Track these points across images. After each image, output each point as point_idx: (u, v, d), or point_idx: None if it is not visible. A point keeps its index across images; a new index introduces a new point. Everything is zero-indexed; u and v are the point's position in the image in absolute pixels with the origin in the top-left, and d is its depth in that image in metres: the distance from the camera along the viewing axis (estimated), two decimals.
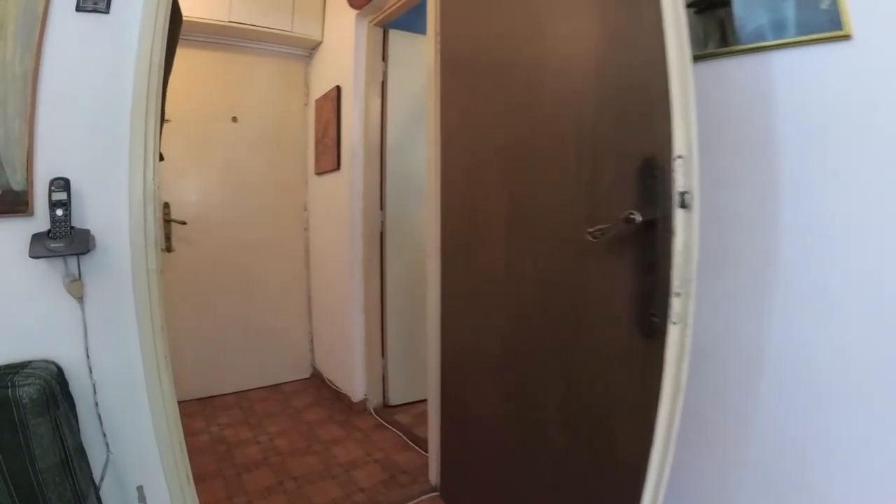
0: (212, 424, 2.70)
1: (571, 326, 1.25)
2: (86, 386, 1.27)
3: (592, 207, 1.16)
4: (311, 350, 3.38)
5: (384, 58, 2.66)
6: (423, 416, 2.32)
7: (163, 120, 1.56)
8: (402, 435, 2.48)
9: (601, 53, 1.14)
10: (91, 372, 1.27)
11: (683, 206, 0.93)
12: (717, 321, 1.17)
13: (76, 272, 1.23)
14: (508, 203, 1.45)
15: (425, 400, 2.11)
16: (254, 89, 3.10)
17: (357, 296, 2.68)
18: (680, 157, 0.93)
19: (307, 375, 3.39)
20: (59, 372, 1.19)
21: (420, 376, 2.60)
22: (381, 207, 2.66)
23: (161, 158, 1.61)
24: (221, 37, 2.95)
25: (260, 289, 3.19)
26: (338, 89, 2.75)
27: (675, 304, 0.95)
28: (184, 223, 2.88)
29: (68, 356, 1.23)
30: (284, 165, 3.24)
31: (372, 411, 2.74)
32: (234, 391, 3.13)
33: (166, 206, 2.86)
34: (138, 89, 1.28)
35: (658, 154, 0.99)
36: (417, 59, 2.65)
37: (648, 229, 1.01)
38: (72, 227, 1.18)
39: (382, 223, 2.67)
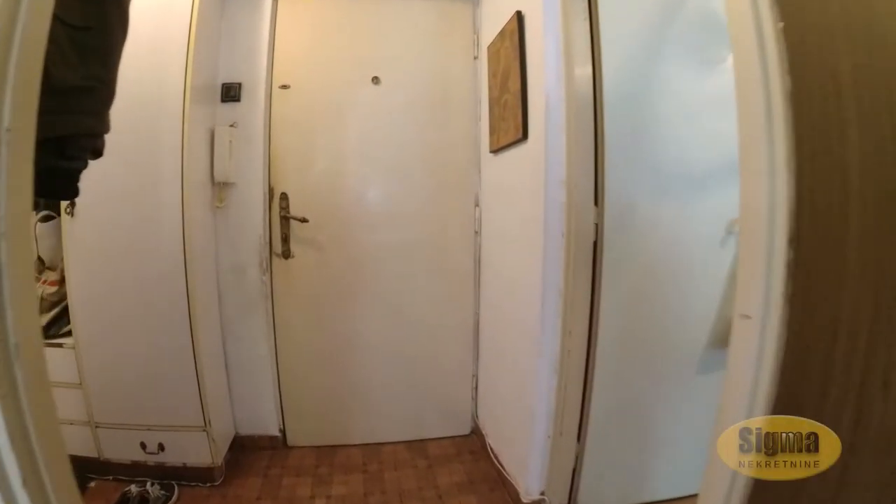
0: (319, 494, 1.97)
1: None
2: None
3: None
4: (474, 399, 2.45)
5: None
6: None
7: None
8: None
9: None
10: None
11: None
12: None
13: None
14: None
15: None
16: (401, 40, 2.28)
17: (549, 340, 1.66)
18: None
19: (465, 432, 2.47)
20: None
21: (635, 477, 1.83)
22: (596, 201, 1.58)
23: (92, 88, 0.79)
24: None
25: (408, 310, 2.35)
26: (518, 17, 1.76)
27: None
28: (305, 220, 2.15)
29: None
30: (446, 141, 2.32)
31: None
32: (364, 443, 2.37)
33: (283, 197, 2.15)
34: None
35: None
36: None
37: None
38: None
39: (597, 227, 1.59)
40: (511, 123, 1.78)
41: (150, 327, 1.87)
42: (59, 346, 1.92)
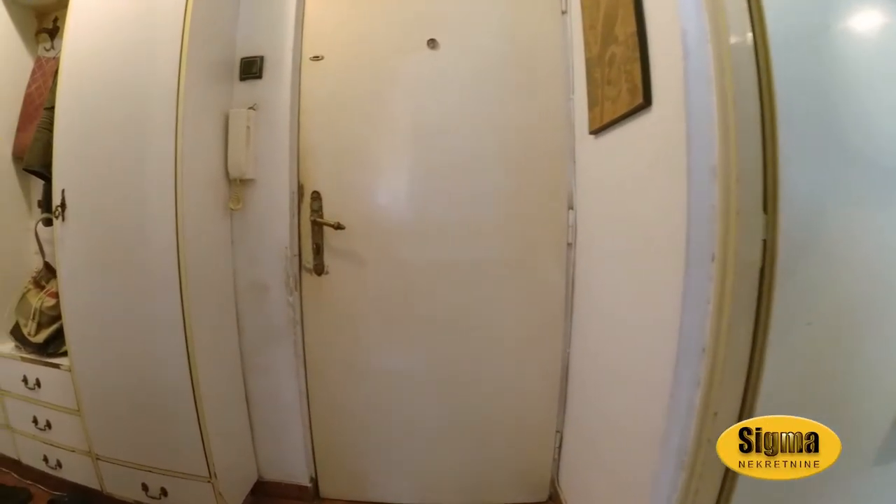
0: None
1: None
2: None
3: None
4: (556, 460, 1.86)
5: None
6: None
7: None
8: None
9: None
10: None
11: None
12: None
13: None
14: None
15: None
16: None
17: (679, 422, 1.07)
18: None
19: (541, 499, 1.89)
20: None
21: None
22: (765, 205, 0.96)
23: None
24: None
25: (474, 345, 1.81)
26: None
27: None
28: (341, 227, 1.70)
29: None
30: (527, 122, 1.74)
31: None
32: (412, 503, 1.88)
33: (315, 197, 1.72)
34: None
35: None
36: None
37: None
38: None
39: (766, 245, 0.96)
40: (623, 86, 1.20)
41: (143, 355, 1.55)
42: (57, 366, 1.70)
